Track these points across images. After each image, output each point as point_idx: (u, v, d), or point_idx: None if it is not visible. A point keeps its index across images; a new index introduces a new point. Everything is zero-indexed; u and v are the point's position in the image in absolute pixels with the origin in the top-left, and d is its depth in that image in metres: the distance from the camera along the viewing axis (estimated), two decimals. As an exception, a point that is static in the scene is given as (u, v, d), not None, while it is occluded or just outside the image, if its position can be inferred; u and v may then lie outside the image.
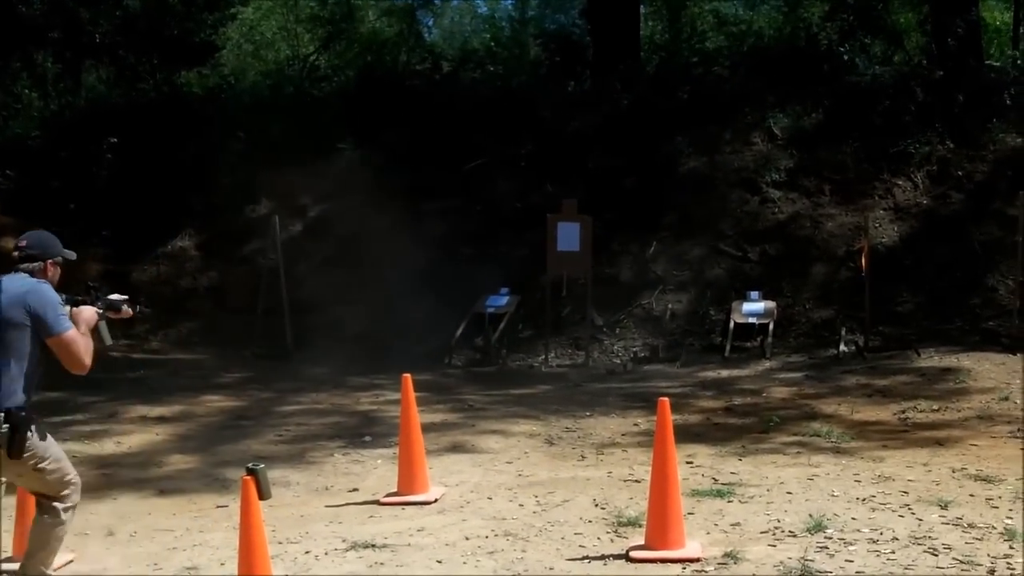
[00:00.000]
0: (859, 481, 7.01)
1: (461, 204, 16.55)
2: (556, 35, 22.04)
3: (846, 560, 5.38)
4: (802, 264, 14.84)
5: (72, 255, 5.17)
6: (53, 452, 5.00)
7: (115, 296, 5.23)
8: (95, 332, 5.08)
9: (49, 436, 5.03)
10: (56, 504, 4.99)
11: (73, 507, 5.07)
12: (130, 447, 8.86)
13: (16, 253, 5.00)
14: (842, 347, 13.14)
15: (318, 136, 18.41)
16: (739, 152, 16.61)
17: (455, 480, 7.41)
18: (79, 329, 4.92)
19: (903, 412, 9.54)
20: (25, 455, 4.80)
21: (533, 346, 14.18)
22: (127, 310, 5.27)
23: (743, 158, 16.48)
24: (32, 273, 4.94)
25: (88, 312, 5.04)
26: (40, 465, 4.90)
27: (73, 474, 5.08)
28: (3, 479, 4.92)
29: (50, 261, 5.02)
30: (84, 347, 4.90)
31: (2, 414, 4.73)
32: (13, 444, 4.73)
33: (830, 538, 5.74)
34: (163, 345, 15.63)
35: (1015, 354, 11.95)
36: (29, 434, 4.81)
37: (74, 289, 5.16)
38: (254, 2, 26.53)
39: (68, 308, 4.96)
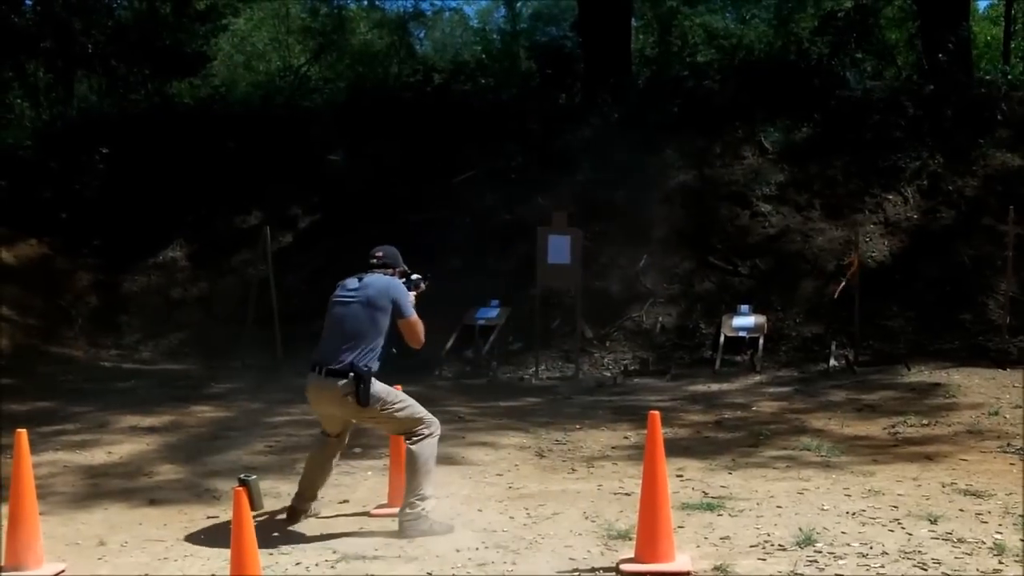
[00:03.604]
0: (849, 495, 7.02)
1: (451, 216, 16.55)
2: (547, 48, 22.12)
3: (836, 574, 5.39)
4: (792, 278, 14.88)
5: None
6: (399, 396, 6.48)
7: (416, 276, 6.69)
8: None
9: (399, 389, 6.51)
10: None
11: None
12: (120, 457, 8.83)
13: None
14: (832, 361, 13.18)
15: (309, 147, 18.45)
16: (729, 166, 16.67)
17: (445, 492, 7.39)
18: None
19: (893, 427, 9.55)
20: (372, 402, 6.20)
21: (523, 358, 14.18)
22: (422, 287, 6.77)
23: (733, 172, 16.54)
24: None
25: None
26: (385, 409, 6.34)
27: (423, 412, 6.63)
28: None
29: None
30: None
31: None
32: (359, 392, 6.14)
33: (820, 552, 5.74)
34: (153, 355, 15.61)
35: (1004, 369, 12.01)
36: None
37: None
38: (246, 13, 26.61)
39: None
